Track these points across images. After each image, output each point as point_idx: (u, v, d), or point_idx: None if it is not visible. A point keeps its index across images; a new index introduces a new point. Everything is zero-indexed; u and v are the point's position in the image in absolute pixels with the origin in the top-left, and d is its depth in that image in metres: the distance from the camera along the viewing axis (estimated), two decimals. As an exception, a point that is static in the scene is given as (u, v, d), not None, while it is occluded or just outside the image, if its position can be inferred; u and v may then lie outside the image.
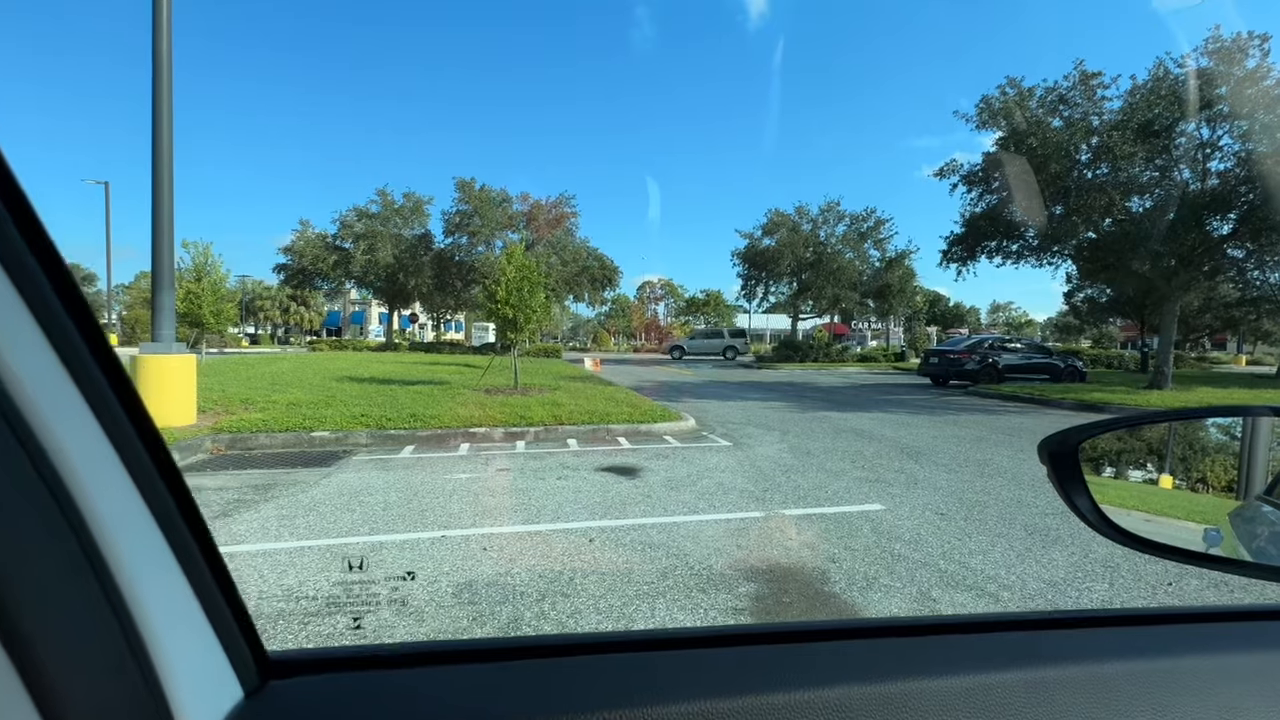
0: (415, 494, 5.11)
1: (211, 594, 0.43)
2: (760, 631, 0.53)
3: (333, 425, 7.63)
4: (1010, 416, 11.41)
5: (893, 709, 0.43)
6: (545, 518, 4.50)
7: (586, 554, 3.75)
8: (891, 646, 0.51)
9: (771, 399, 13.87)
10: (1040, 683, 0.45)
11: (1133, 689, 0.45)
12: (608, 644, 0.54)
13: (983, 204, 17.90)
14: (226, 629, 0.44)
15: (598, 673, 0.49)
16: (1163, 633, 0.53)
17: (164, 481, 0.40)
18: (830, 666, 0.47)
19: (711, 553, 3.79)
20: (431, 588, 3.19)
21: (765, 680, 0.46)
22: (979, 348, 19.19)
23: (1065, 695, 0.44)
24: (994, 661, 0.47)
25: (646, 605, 3.02)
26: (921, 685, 0.45)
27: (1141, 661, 0.48)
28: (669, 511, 4.70)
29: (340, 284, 38.52)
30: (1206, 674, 0.47)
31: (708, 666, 0.50)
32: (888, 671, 0.46)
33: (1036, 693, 0.44)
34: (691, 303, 64.22)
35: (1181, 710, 0.43)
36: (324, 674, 0.50)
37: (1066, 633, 0.53)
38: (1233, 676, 0.47)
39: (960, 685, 0.45)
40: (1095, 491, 0.82)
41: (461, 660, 0.51)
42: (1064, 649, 0.49)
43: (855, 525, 4.40)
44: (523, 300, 11.94)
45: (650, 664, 0.51)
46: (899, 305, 40.11)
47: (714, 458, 6.87)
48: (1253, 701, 0.44)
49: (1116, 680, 0.46)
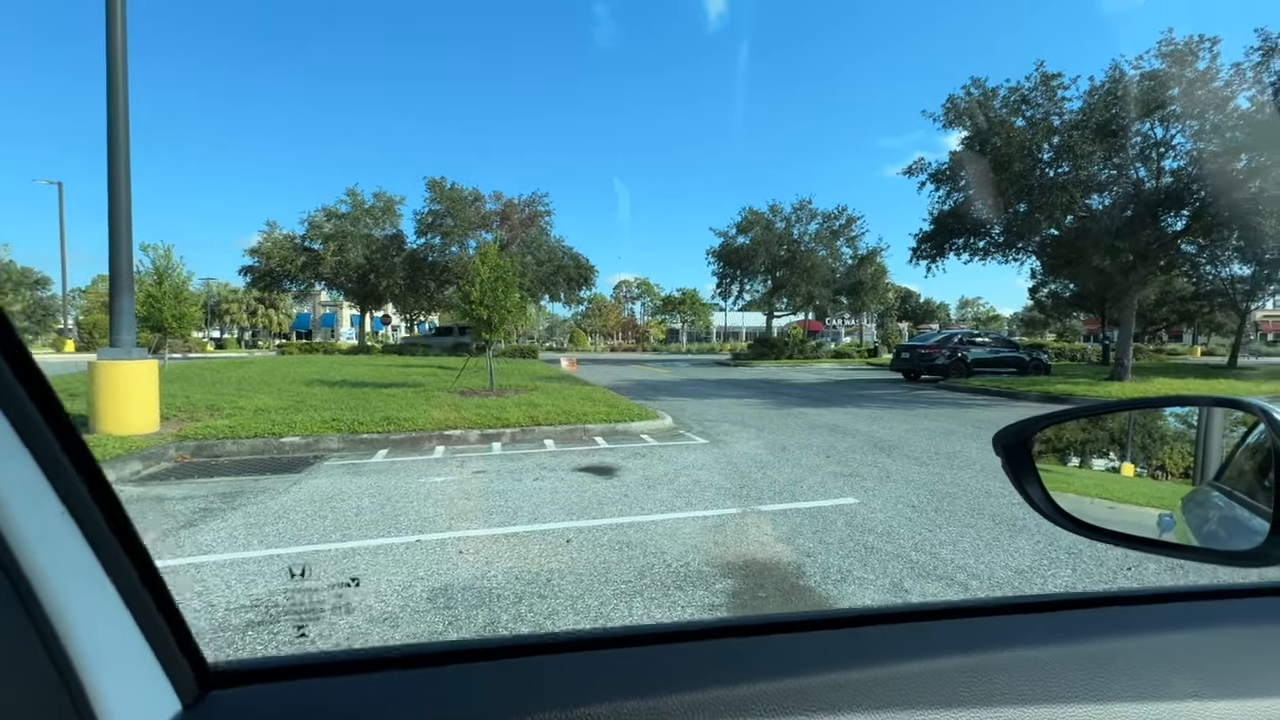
0: (389, 499, 5.03)
1: (144, 606, 0.42)
2: (710, 627, 0.54)
3: (303, 430, 7.47)
4: (979, 410, 11.69)
5: (837, 697, 0.44)
6: (522, 519, 4.47)
7: (564, 555, 3.73)
8: (834, 638, 0.52)
9: (747, 396, 13.99)
10: (977, 667, 0.46)
11: (1067, 671, 0.46)
12: (566, 643, 0.53)
13: (950, 202, 18.30)
14: (161, 641, 0.43)
15: (556, 673, 0.49)
16: (1097, 616, 0.55)
17: (89, 491, 0.39)
18: (774, 659, 0.48)
19: (689, 550, 3.81)
20: (406, 593, 3.15)
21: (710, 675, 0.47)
22: (948, 343, 19.62)
23: (1002, 679, 0.45)
24: (933, 649, 0.48)
25: (624, 604, 3.03)
26: (864, 674, 0.46)
27: (1076, 645, 0.49)
28: (646, 510, 4.70)
29: (309, 286, 37.72)
30: (1138, 654, 0.49)
31: (667, 662, 0.50)
32: (832, 662, 0.47)
33: (974, 677, 0.45)
34: (668, 301, 64.37)
35: (1114, 690, 0.45)
36: (268, 683, 0.49)
37: (1004, 618, 0.54)
38: (1162, 656, 0.49)
39: (901, 672, 0.46)
40: (1062, 481, 0.85)
41: (415, 665, 0.50)
42: (1001, 635, 0.51)
43: (830, 519, 4.46)
44: (497, 300, 11.83)
45: (612, 661, 0.51)
46: (871, 302, 40.80)
47: (691, 455, 6.90)
48: (1181, 679, 0.46)
49: (1052, 663, 0.47)
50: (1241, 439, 0.72)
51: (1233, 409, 0.70)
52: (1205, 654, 0.50)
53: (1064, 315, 43.50)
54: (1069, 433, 0.88)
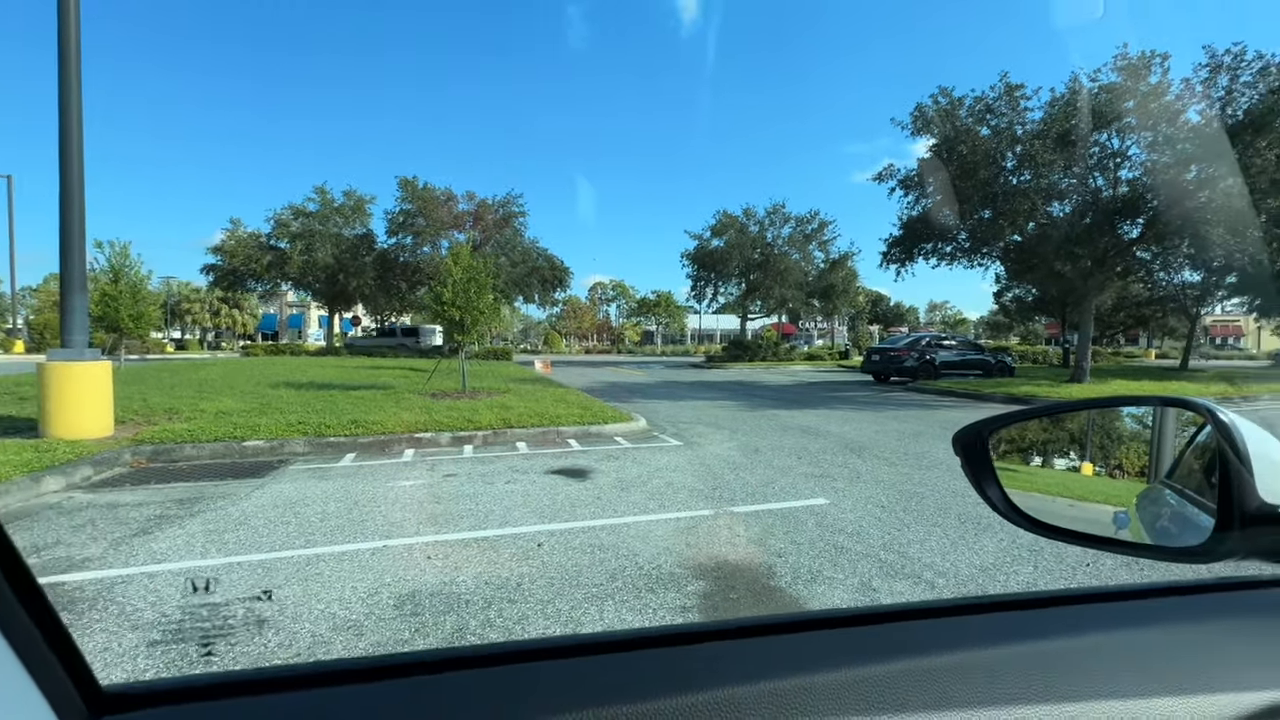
0: (356, 503, 4.92)
1: (22, 627, 0.38)
2: (677, 633, 0.53)
3: (267, 434, 7.26)
4: (946, 411, 11.95)
5: (806, 700, 0.44)
6: (493, 523, 4.41)
7: (535, 559, 3.69)
8: (803, 641, 0.51)
9: (721, 398, 14.07)
10: (923, 670, 0.46)
11: (1018, 672, 0.47)
12: (530, 652, 0.51)
13: (919, 208, 18.70)
14: (43, 664, 0.39)
15: (497, 687, 0.47)
16: (1047, 615, 0.56)
17: None
18: (747, 663, 0.47)
19: (661, 552, 3.80)
20: (371, 600, 3.08)
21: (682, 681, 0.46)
22: (917, 345, 20.03)
23: (948, 681, 0.45)
24: (876, 653, 0.48)
25: (595, 608, 3.00)
26: (810, 680, 0.45)
27: (1026, 645, 0.50)
28: (619, 512, 4.68)
29: (276, 286, 36.76)
30: (1087, 653, 0.50)
31: (636, 669, 0.49)
32: (801, 665, 0.47)
33: (919, 680, 0.45)
34: (643, 304, 64.45)
35: (1063, 689, 0.45)
36: (168, 706, 0.45)
37: (947, 620, 0.54)
38: (1110, 654, 0.50)
39: (845, 678, 0.45)
40: (1025, 479, 0.86)
41: (340, 681, 0.47)
42: (945, 637, 0.51)
43: (801, 520, 4.50)
44: (470, 302, 11.70)
45: (582, 670, 0.49)
46: (843, 305, 41.48)
47: (664, 457, 6.90)
48: (1129, 676, 0.47)
49: (1003, 664, 0.47)
50: (1191, 438, 0.74)
51: (1182, 409, 0.72)
52: (1151, 651, 0.51)
53: (1027, 319, 44.78)
54: (1027, 432, 0.89)
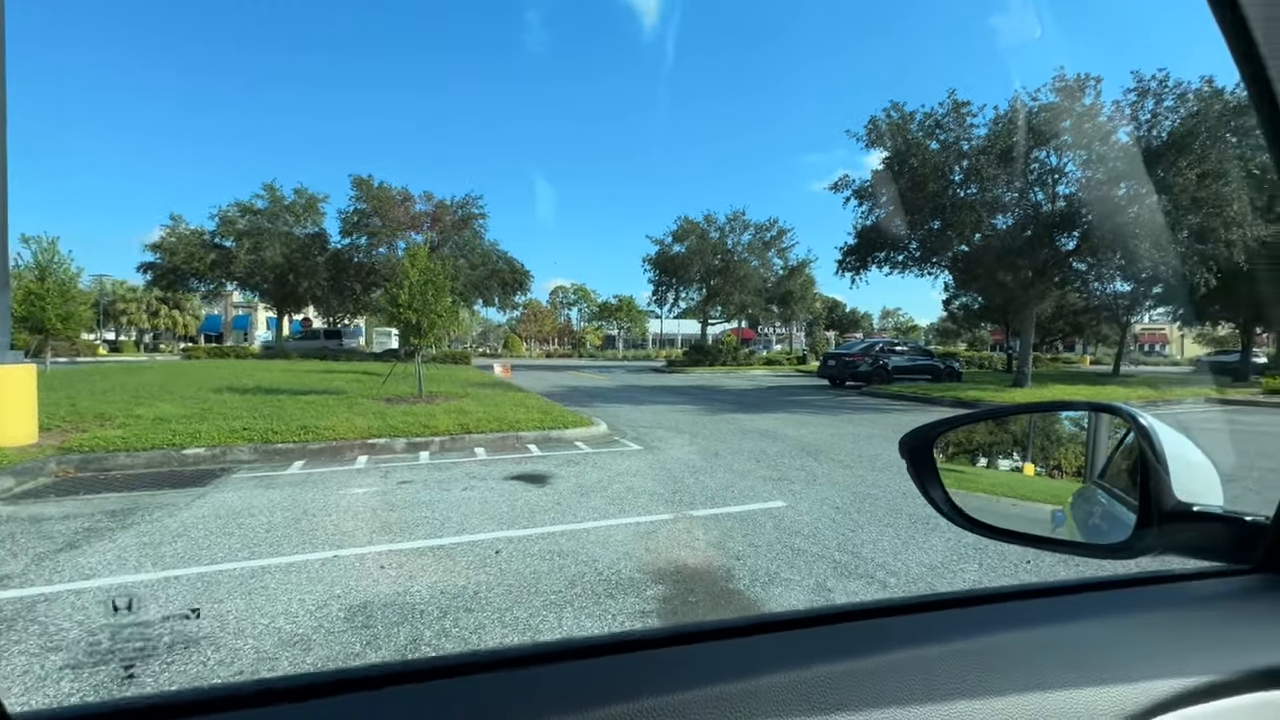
0: (305, 512, 4.74)
1: None
2: (608, 642, 0.52)
3: (209, 441, 6.93)
4: (898, 414, 12.33)
5: (726, 710, 0.44)
6: (449, 531, 4.32)
7: (492, 566, 3.63)
8: (729, 648, 0.52)
9: (682, 402, 14.16)
10: (862, 671, 0.47)
11: (950, 669, 0.48)
12: (432, 670, 0.50)
13: (872, 218, 19.30)
14: None
15: (425, 702, 0.46)
16: (975, 614, 0.58)
17: None
18: (664, 675, 0.47)
19: (620, 557, 3.79)
20: (320, 613, 2.97)
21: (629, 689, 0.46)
22: (871, 351, 20.62)
23: (885, 680, 0.47)
24: (818, 655, 0.49)
25: (554, 615, 2.97)
26: (756, 684, 0.46)
27: (955, 642, 0.52)
28: (579, 518, 4.65)
29: (220, 285, 35.22)
30: (1016, 649, 0.52)
31: (584, 677, 0.48)
32: (749, 669, 0.47)
33: (857, 680, 0.46)
34: (604, 308, 64.37)
35: (993, 684, 0.47)
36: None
37: (883, 621, 0.56)
38: (1038, 649, 0.52)
39: (787, 680, 0.46)
40: (972, 479, 0.89)
41: (282, 699, 0.45)
42: (884, 636, 0.52)
43: (759, 522, 4.57)
44: (427, 304, 11.47)
45: (534, 680, 0.48)
46: (800, 311, 42.39)
47: (625, 462, 6.90)
48: (1057, 670, 0.49)
49: (931, 662, 0.49)
50: (1120, 441, 0.79)
51: (1110, 414, 0.76)
52: (1075, 645, 0.54)
53: (973, 326, 46.71)
54: (974, 435, 0.93)
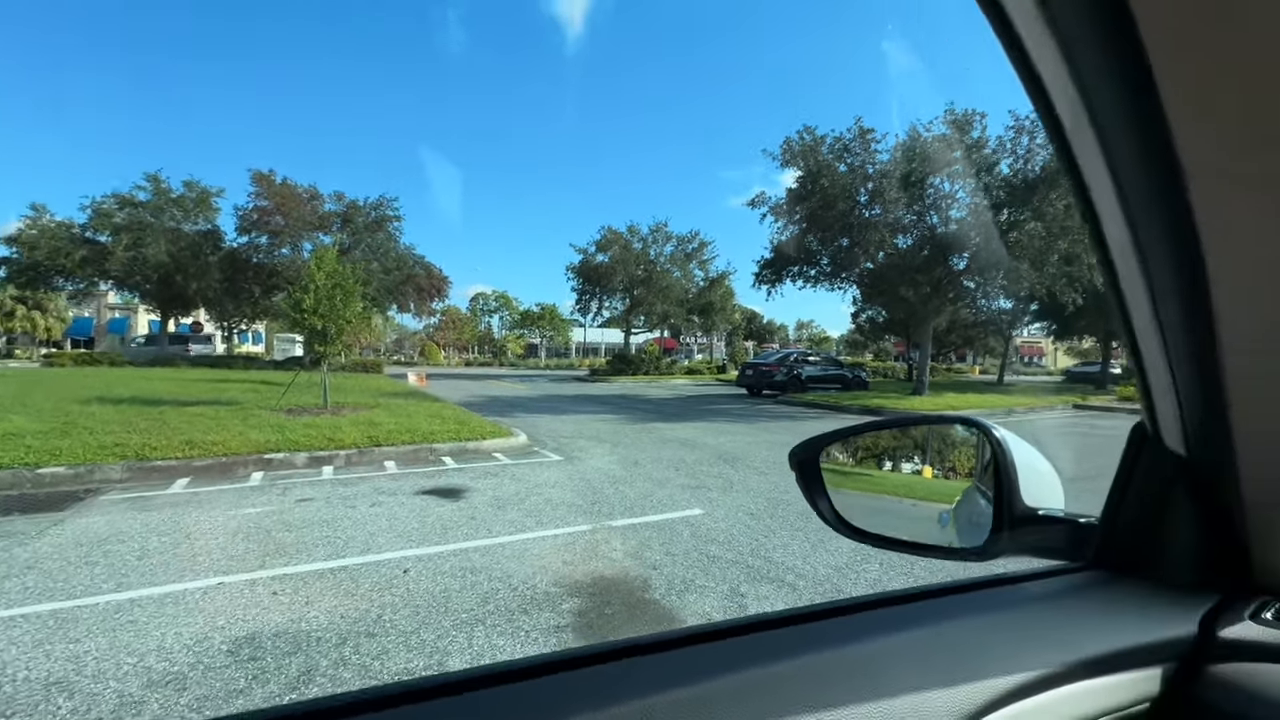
0: (187, 536, 4.32)
1: None
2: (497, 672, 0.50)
3: (71, 459, 6.18)
4: (811, 422, 12.90)
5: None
6: (353, 550, 4.07)
7: (399, 587, 3.45)
8: (622, 669, 0.52)
9: (604, 412, 14.14)
10: (704, 696, 0.48)
11: (792, 684, 0.50)
12: (400, 696, 0.46)
13: (787, 234, 20.21)
14: None
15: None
16: (832, 625, 0.60)
17: None
18: (556, 702, 0.46)
19: (536, 571, 3.71)
20: (199, 647, 2.70)
21: None
22: (785, 361, 21.49)
23: (727, 704, 0.47)
24: (663, 680, 0.49)
25: (464, 635, 2.86)
26: (648, 703, 0.46)
27: (806, 655, 0.54)
28: (494, 532, 4.52)
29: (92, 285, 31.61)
30: (871, 658, 0.55)
31: (501, 706, 0.46)
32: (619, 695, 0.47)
33: (701, 706, 0.47)
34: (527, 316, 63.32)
35: (836, 695, 0.49)
36: None
37: (737, 640, 0.58)
38: (886, 655, 0.55)
39: (669, 700, 0.46)
40: (876, 483, 0.93)
41: None
42: (731, 656, 0.54)
43: (676, 531, 4.62)
44: (335, 310, 10.83)
45: (459, 709, 0.45)
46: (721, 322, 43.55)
47: (544, 473, 6.79)
48: (899, 676, 0.52)
49: (783, 678, 0.51)
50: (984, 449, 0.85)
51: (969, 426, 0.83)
52: (923, 649, 0.57)
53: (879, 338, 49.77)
54: (880, 440, 0.98)
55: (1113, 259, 0.53)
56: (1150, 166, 0.41)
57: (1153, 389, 0.64)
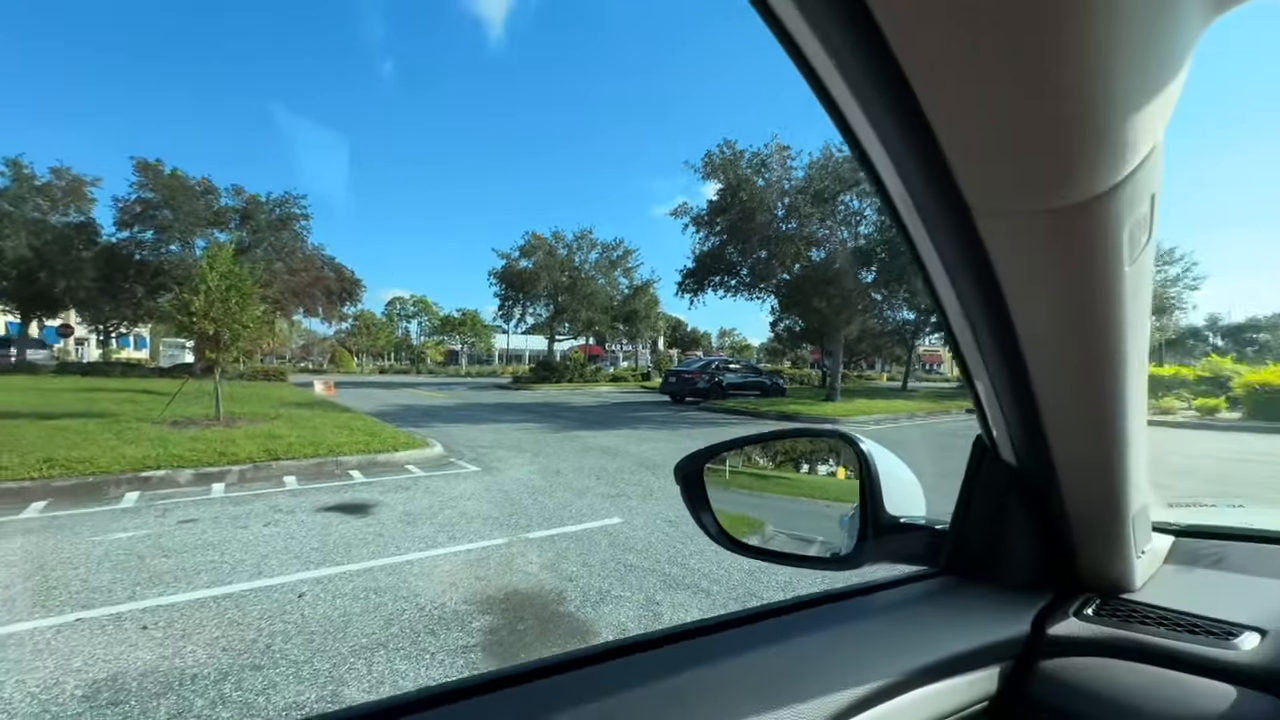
0: (39, 567, 3.83)
1: None
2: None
3: (-105, 482, 5.33)
4: (731, 428, 13.24)
5: None
6: (241, 575, 3.75)
7: (292, 613, 3.20)
8: (511, 697, 0.51)
9: (526, 420, 13.88)
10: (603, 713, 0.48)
11: (643, 710, 0.49)
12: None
13: (708, 244, 20.74)
14: None
15: None
16: (678, 651, 0.60)
17: None
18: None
19: (446, 589, 3.56)
20: (48, 694, 2.38)
21: None
22: (708, 369, 21.97)
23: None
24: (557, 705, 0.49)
25: (363, 662, 2.69)
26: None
27: (666, 680, 0.54)
28: (402, 549, 4.30)
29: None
30: (718, 679, 0.55)
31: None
32: None
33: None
34: (447, 321, 61.24)
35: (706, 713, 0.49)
36: None
37: (628, 659, 0.57)
38: (738, 676, 0.56)
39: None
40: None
41: None
42: (621, 677, 0.54)
43: (595, 540, 4.58)
44: (229, 313, 10.03)
45: None
46: (645, 329, 43.96)
47: (460, 485, 6.55)
48: (745, 701, 0.52)
49: (634, 703, 0.50)
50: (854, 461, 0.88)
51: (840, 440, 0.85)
52: (773, 668, 0.57)
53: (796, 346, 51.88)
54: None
55: (935, 287, 0.56)
56: (943, 202, 0.43)
57: (985, 407, 0.68)
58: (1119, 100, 0.33)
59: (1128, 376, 0.55)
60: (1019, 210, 0.42)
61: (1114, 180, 0.38)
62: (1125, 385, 0.55)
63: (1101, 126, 0.34)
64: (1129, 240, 0.44)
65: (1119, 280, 0.46)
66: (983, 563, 0.75)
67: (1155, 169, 0.41)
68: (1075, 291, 0.47)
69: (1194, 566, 0.78)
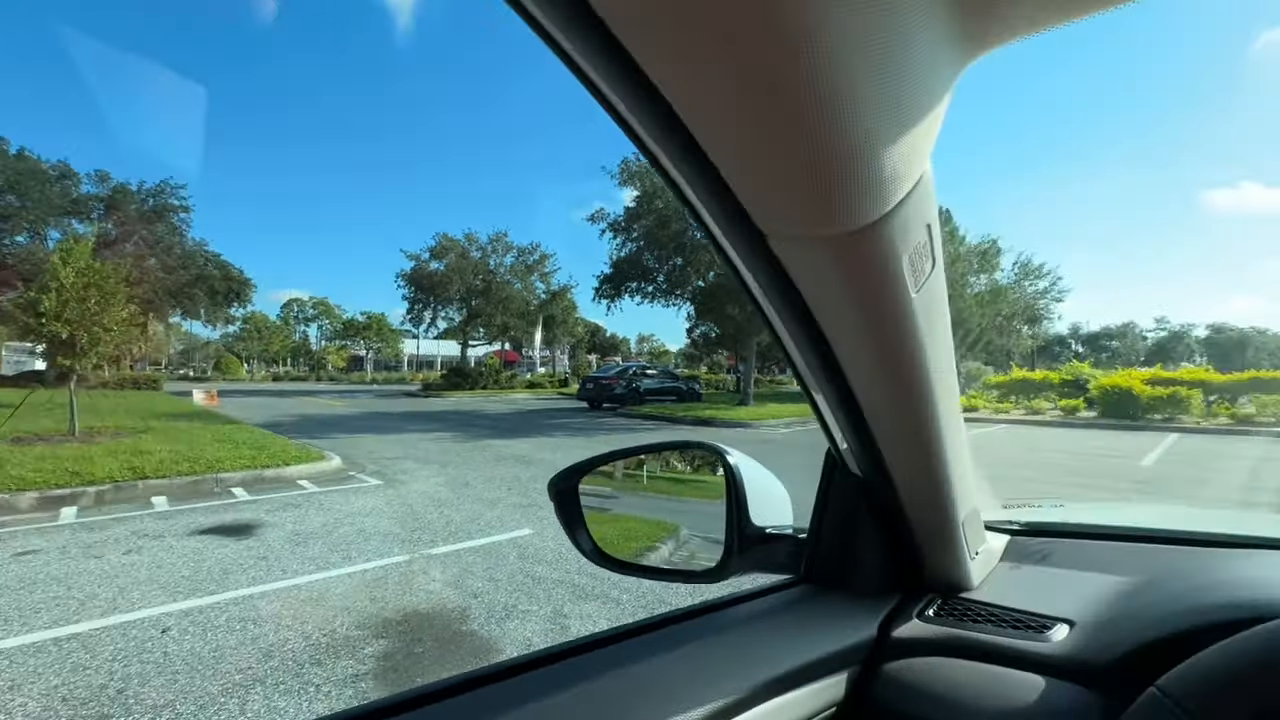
0: None
1: None
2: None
3: None
4: (648, 433, 13.36)
5: None
6: (92, 612, 3.31)
7: (154, 651, 2.86)
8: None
9: (436, 430, 13.32)
10: None
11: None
12: None
13: (625, 250, 20.89)
14: None
15: None
16: (531, 680, 0.58)
17: None
18: None
19: (337, 614, 3.32)
20: None
21: None
22: (625, 375, 22.09)
23: None
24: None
25: (235, 701, 2.44)
26: None
27: (554, 697, 0.53)
28: (289, 573, 3.97)
29: None
30: (599, 694, 0.54)
31: None
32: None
33: None
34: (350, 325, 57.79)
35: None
36: None
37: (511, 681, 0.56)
38: (616, 691, 0.55)
39: None
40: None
41: None
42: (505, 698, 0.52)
43: (503, 554, 4.44)
44: (87, 314, 8.94)
45: None
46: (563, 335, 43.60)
47: (359, 500, 6.16)
48: (635, 713, 0.51)
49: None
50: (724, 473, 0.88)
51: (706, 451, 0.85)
52: (627, 689, 0.56)
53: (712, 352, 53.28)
54: (610, 472, 0.98)
55: (760, 307, 0.57)
56: (742, 227, 0.44)
57: (826, 421, 0.70)
58: (873, 136, 0.34)
59: (936, 394, 0.57)
60: (802, 236, 0.43)
61: (882, 210, 0.40)
62: (935, 402, 0.58)
63: (858, 161, 0.36)
64: (910, 268, 0.46)
65: (908, 304, 0.48)
66: (838, 570, 0.77)
67: (925, 200, 0.43)
68: (869, 312, 0.49)
69: (1023, 563, 0.84)
